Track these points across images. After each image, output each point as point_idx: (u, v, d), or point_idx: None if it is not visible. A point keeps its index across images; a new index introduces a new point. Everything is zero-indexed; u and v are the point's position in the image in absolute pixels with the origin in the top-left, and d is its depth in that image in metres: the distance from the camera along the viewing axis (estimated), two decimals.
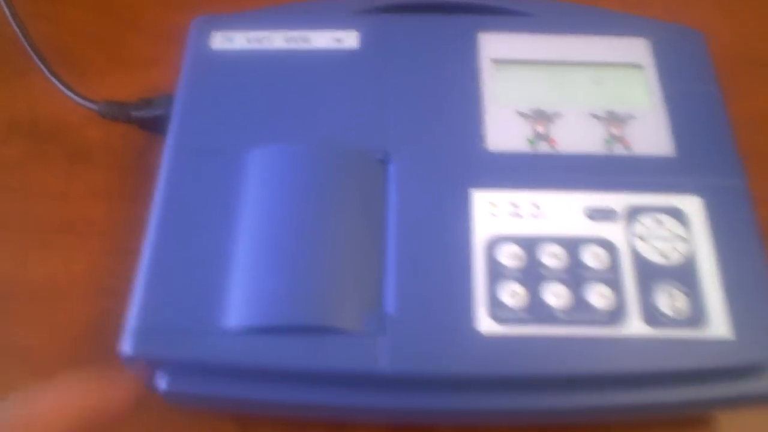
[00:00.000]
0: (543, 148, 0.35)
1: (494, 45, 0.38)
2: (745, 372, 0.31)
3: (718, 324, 0.31)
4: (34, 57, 0.41)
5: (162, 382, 0.31)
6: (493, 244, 0.32)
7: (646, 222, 0.33)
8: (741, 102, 0.45)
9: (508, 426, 0.35)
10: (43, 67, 0.41)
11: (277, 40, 0.38)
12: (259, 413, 0.35)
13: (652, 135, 0.36)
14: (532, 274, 0.31)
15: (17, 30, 0.41)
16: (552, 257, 0.32)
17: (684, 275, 0.32)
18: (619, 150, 0.35)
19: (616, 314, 0.31)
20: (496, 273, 0.31)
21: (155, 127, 0.39)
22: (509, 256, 0.32)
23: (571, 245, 0.32)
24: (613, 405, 0.31)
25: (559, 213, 0.33)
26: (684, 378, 0.31)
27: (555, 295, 0.31)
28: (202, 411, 0.35)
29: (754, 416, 0.36)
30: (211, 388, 0.31)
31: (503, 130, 0.35)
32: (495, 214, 0.33)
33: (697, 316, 0.31)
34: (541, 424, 0.34)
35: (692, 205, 0.33)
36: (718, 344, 0.30)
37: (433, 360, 0.30)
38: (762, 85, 0.47)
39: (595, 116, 0.36)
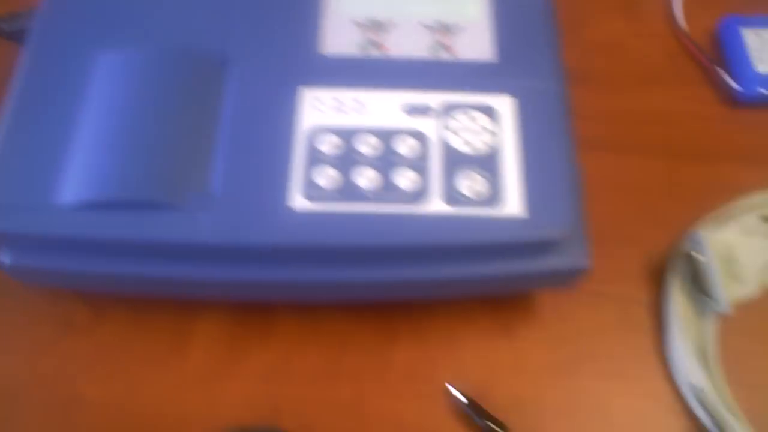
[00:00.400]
0: (373, 52, 0.38)
1: None
2: (538, 248, 0.34)
3: (514, 204, 0.34)
4: None
5: (5, 257, 0.34)
6: (314, 134, 0.35)
7: (459, 117, 0.36)
8: (592, 28, 0.49)
9: (328, 301, 0.38)
10: None
11: None
12: (106, 292, 0.38)
13: (477, 43, 0.38)
14: (346, 160, 0.34)
15: None
16: (367, 146, 0.35)
17: (487, 163, 0.35)
18: (444, 56, 0.38)
19: (419, 195, 0.34)
20: (314, 159, 0.34)
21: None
22: (328, 144, 0.35)
23: (386, 136, 0.35)
24: (419, 278, 0.34)
25: (380, 109, 0.36)
26: (482, 253, 0.34)
27: (366, 178, 0.34)
28: (56, 295, 0.38)
29: (573, 304, 0.40)
30: (50, 261, 0.34)
31: (338, 37, 0.38)
32: (320, 109, 0.36)
33: (494, 197, 0.34)
34: (357, 298, 0.38)
35: (505, 104, 0.36)
36: (512, 221, 0.34)
37: (249, 232, 0.33)
38: (612, 13, 0.50)
39: (427, 26, 0.39)
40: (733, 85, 0.46)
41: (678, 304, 0.39)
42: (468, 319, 0.39)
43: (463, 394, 0.36)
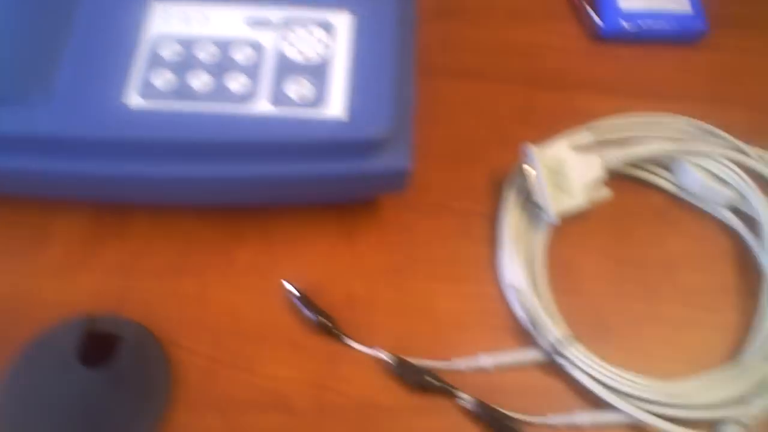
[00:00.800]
0: None
1: None
2: (358, 149, 0.37)
3: (336, 108, 0.36)
4: None
5: None
6: (158, 42, 0.38)
7: (297, 30, 0.39)
8: None
9: (163, 198, 0.40)
10: None
11: None
12: None
13: None
14: (184, 65, 0.37)
15: None
16: (206, 53, 0.38)
17: (316, 71, 0.37)
18: None
19: (247, 96, 0.36)
20: (154, 63, 0.37)
21: None
22: (169, 51, 0.38)
23: (225, 45, 0.38)
24: (245, 175, 0.37)
25: (224, 22, 0.39)
26: (304, 151, 0.37)
27: (199, 81, 0.37)
28: None
29: (416, 215, 0.42)
30: None
31: None
32: (168, 21, 0.39)
33: (318, 101, 0.36)
34: (192, 196, 0.40)
35: (342, 20, 0.39)
36: (332, 122, 0.36)
37: (83, 126, 0.36)
38: None
39: None
40: (596, 20, 0.48)
41: (512, 214, 0.41)
42: (313, 224, 0.42)
43: (296, 289, 0.39)
